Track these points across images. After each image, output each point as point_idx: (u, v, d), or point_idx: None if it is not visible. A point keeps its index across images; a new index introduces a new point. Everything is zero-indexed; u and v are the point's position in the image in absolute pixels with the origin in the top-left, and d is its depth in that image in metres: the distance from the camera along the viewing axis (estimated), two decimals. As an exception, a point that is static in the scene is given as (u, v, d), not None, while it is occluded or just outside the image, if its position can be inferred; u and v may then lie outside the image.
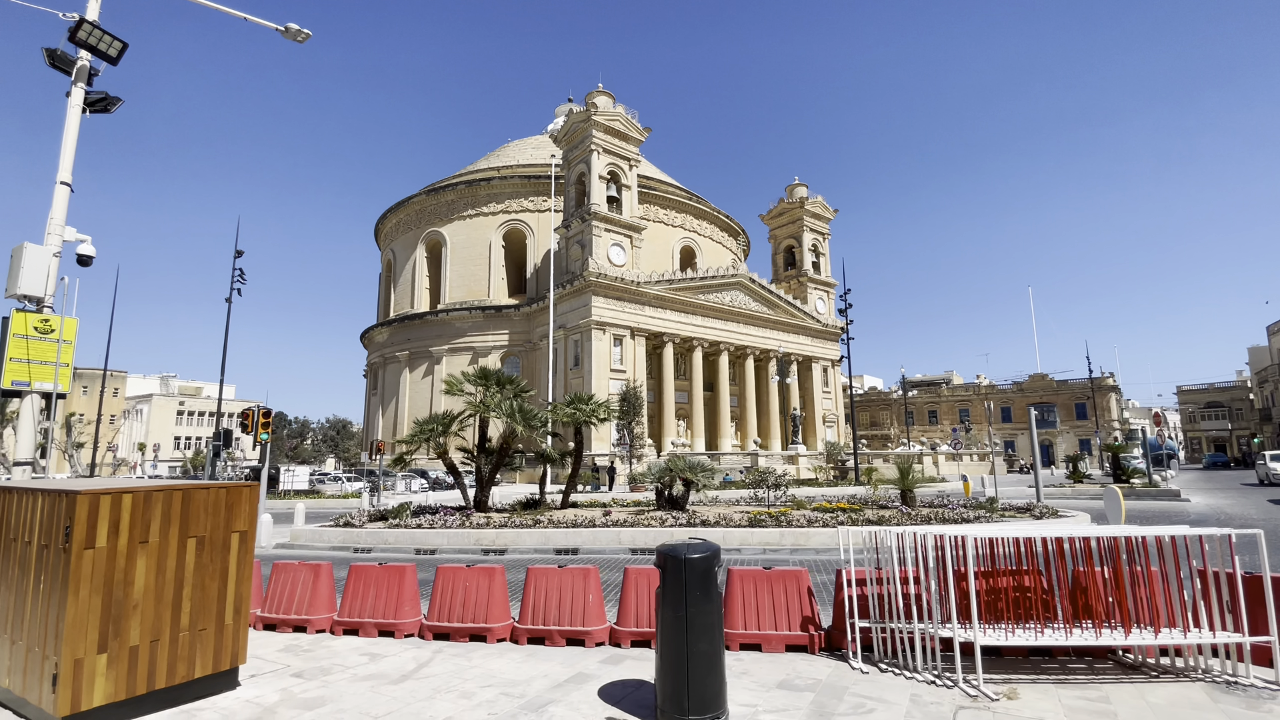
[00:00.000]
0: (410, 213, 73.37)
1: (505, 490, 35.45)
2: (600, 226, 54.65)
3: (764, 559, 12.82)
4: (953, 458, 55.53)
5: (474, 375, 18.12)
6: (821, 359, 69.79)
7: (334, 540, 15.44)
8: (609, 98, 58.88)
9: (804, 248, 74.01)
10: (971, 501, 18.95)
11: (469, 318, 63.75)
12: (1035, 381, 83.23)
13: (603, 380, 51.40)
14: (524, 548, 13.90)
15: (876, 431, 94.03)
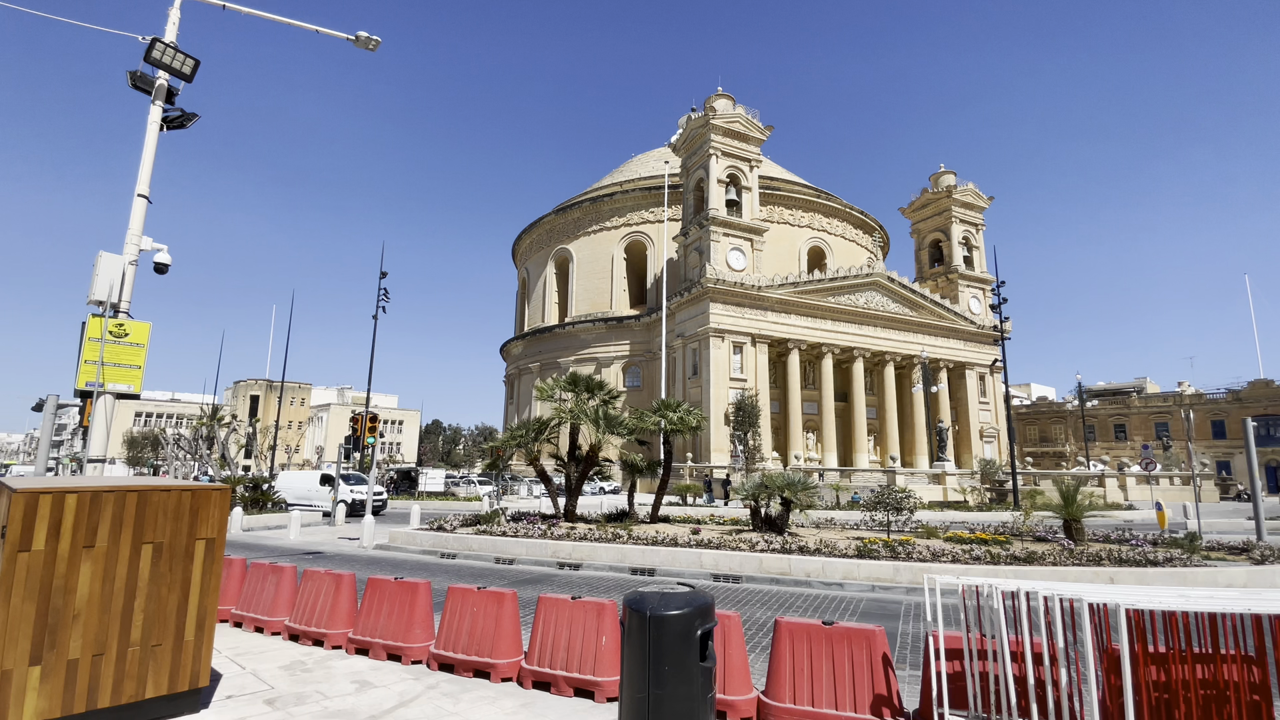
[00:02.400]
0: (541, 232, 77.03)
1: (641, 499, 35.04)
2: (718, 231, 53.21)
3: (872, 598, 10.71)
4: (1144, 480, 46.43)
5: (564, 381, 17.65)
6: (977, 365, 62.29)
7: (425, 544, 15.59)
8: (729, 100, 57.51)
9: (953, 241, 66.82)
10: (1165, 536, 14.95)
11: (592, 329, 65.16)
12: (1257, 389, 67.80)
13: (721, 389, 49.65)
14: (599, 564, 12.94)
15: (1048, 449, 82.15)
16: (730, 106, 56.64)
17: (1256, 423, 66.85)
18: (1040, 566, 10.94)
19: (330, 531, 20.88)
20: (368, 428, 18.47)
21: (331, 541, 18.05)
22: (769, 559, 12.01)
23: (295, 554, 15.52)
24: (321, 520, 24.27)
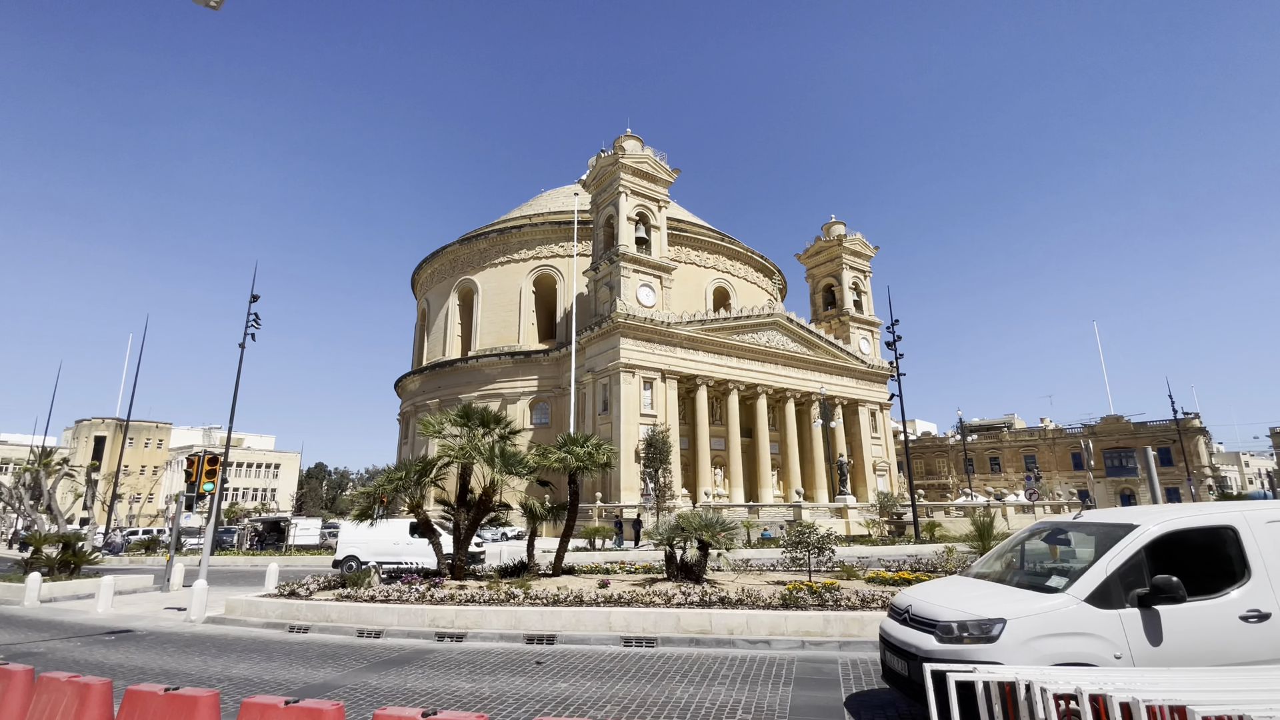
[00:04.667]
0: (444, 262, 73.63)
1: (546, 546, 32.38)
2: (628, 267, 52.83)
3: (804, 657, 9.42)
4: (1023, 509, 49.69)
5: (456, 415, 15.53)
6: (868, 402, 65.18)
7: (271, 615, 12.72)
8: (637, 141, 58.11)
9: (844, 286, 70.59)
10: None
11: (498, 364, 62.26)
12: (1109, 424, 75.89)
13: (632, 425, 48.39)
14: (488, 631, 10.85)
15: (933, 480, 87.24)
16: (639, 148, 57.25)
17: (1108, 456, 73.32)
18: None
19: (158, 600, 17.08)
20: (205, 471, 15.27)
21: (152, 614, 14.54)
22: (687, 615, 10.49)
23: (93, 635, 12.14)
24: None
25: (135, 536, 46.13)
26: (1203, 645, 5.37)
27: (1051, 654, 5.34)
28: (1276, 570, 5.60)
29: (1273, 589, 5.53)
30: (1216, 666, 5.17)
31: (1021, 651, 5.37)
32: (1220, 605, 5.51)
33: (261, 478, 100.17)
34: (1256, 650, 5.35)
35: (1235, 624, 5.43)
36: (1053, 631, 5.45)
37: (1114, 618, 5.46)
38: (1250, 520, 5.80)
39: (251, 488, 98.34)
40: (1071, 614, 5.50)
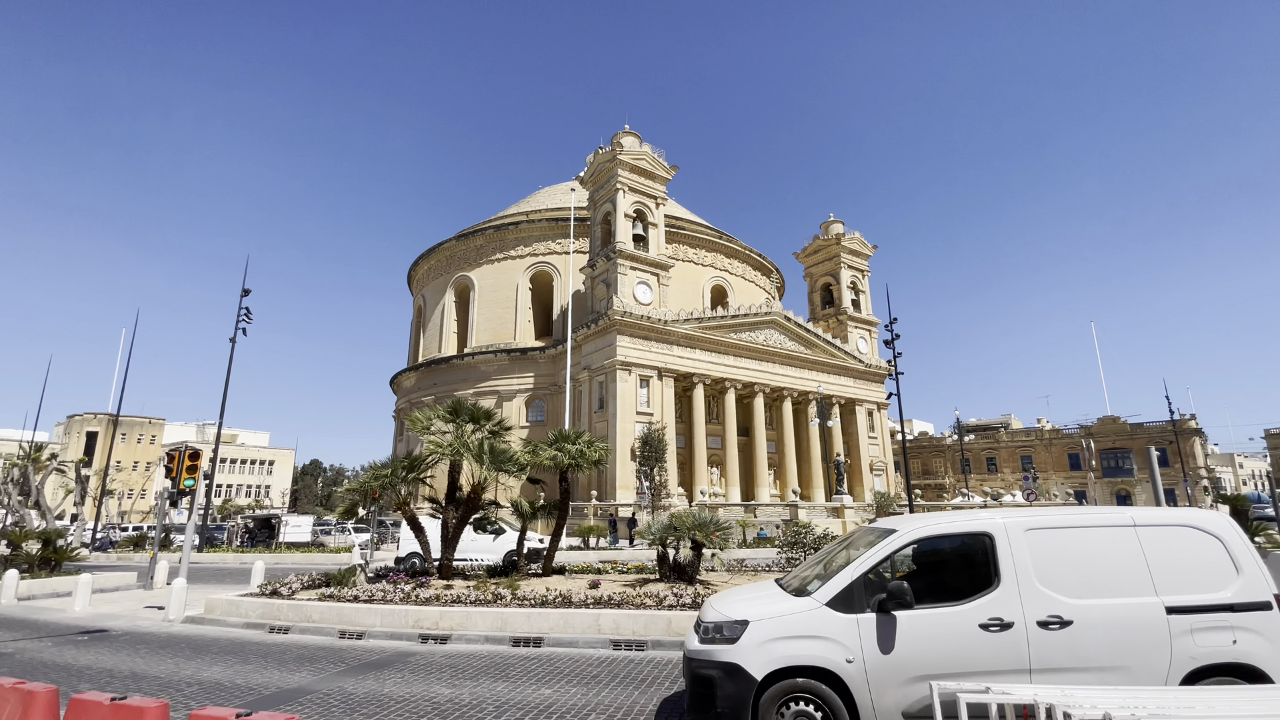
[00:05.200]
0: (441, 258, 73.16)
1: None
2: (625, 264, 52.47)
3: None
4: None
5: (445, 410, 15.18)
6: (865, 401, 64.94)
7: (251, 615, 12.36)
8: (635, 138, 57.73)
9: (842, 285, 70.35)
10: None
11: (494, 361, 61.87)
12: (1106, 425, 75.79)
13: (628, 423, 48.06)
14: (473, 633, 10.50)
15: (930, 480, 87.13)
16: (637, 144, 56.87)
17: (1104, 456, 73.24)
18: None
19: (139, 599, 16.70)
20: (186, 466, 14.88)
21: (131, 613, 14.16)
22: (679, 618, 10.16)
23: (66, 635, 11.77)
24: None
25: (125, 533, 45.70)
26: (938, 653, 5.27)
27: (785, 655, 5.36)
28: (1028, 579, 5.43)
29: (1020, 598, 5.36)
30: (967, 674, 5.12)
31: (757, 652, 5.40)
32: (962, 613, 5.37)
33: (256, 474, 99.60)
34: (994, 660, 5.22)
35: (975, 632, 5.29)
36: (789, 634, 5.47)
37: (852, 622, 5.42)
38: (1009, 528, 5.67)
39: (245, 484, 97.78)
40: (810, 618, 5.52)
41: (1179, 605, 5.25)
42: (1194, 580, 5.34)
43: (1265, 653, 5.09)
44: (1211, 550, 5.44)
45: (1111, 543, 5.52)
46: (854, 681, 5.26)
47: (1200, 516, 5.69)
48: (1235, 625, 5.18)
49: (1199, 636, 5.17)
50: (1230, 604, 5.24)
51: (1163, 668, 5.10)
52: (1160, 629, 5.19)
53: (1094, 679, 5.06)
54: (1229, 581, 5.32)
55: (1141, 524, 5.59)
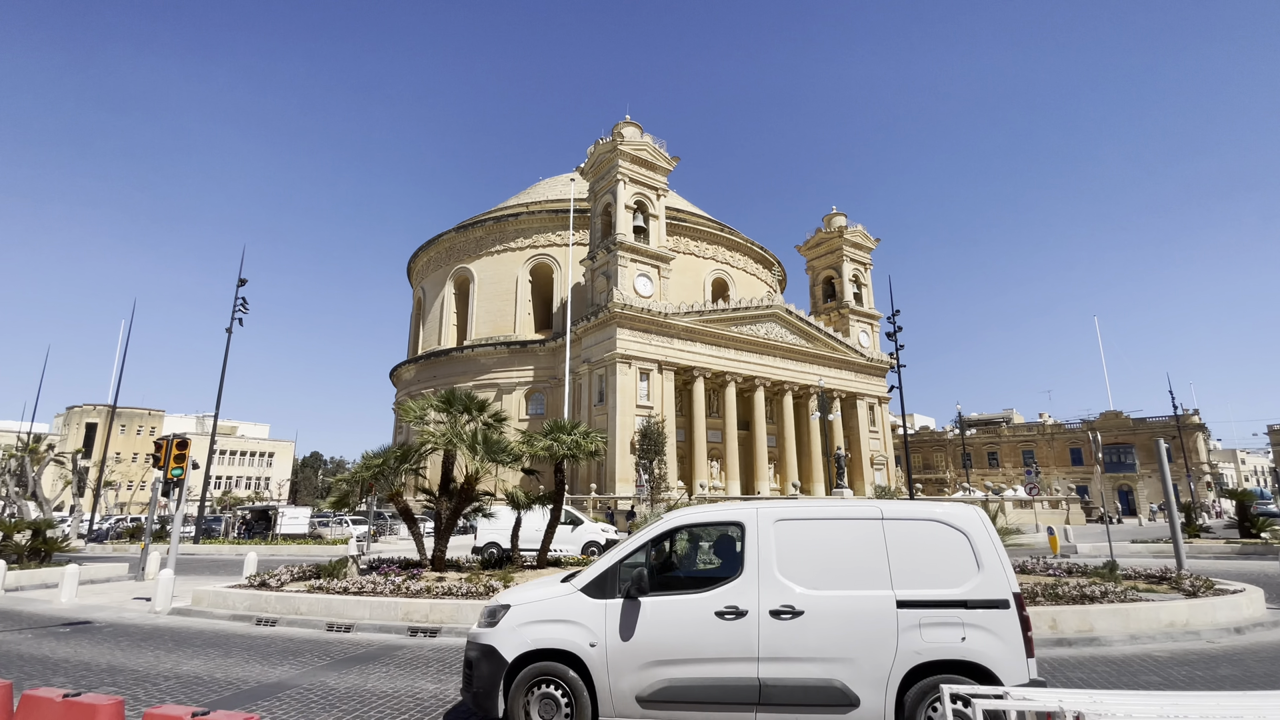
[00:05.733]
0: (440, 250, 72.80)
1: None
2: (625, 256, 52.07)
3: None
4: (1021, 505, 49.26)
5: (438, 400, 14.89)
6: (867, 395, 64.61)
7: (239, 606, 12.11)
8: (636, 128, 57.21)
9: (844, 279, 69.89)
10: (1075, 565, 14.41)
11: (494, 354, 61.61)
12: (1108, 420, 75.43)
13: (628, 416, 47.82)
14: (462, 626, 10.24)
15: (930, 475, 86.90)
16: (638, 134, 56.36)
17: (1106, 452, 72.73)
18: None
19: (128, 590, 16.48)
20: (174, 456, 14.60)
21: (118, 605, 13.92)
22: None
23: (48, 627, 11.53)
24: None
25: (124, 524, 45.57)
26: (675, 639, 5.33)
27: (534, 638, 5.51)
28: (769, 569, 5.43)
29: (759, 587, 5.36)
30: (700, 661, 5.22)
31: (510, 635, 5.56)
32: (702, 600, 5.41)
33: (255, 466, 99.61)
34: (726, 648, 5.25)
35: (711, 620, 5.31)
36: (541, 618, 5.61)
37: (601, 608, 5.52)
38: (760, 518, 5.68)
39: (245, 476, 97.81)
40: (563, 603, 5.66)
41: (910, 600, 5.15)
42: (934, 576, 5.25)
43: (994, 651, 4.96)
44: (956, 546, 5.33)
45: (857, 535, 5.48)
46: (595, 665, 5.35)
47: (949, 511, 5.54)
48: (966, 622, 5.07)
49: (927, 632, 5.07)
50: (964, 600, 5.11)
51: (887, 661, 5.03)
52: (889, 622, 5.11)
53: (818, 669, 5.08)
54: (969, 578, 5.20)
55: (890, 517, 5.52)
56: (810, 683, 5.08)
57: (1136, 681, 7.49)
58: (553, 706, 5.37)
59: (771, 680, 5.12)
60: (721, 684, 5.19)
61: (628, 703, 5.31)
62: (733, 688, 5.16)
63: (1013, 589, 5.15)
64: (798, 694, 5.08)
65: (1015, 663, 4.94)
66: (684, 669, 5.25)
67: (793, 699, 5.09)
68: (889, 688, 4.98)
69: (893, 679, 4.99)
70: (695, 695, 5.21)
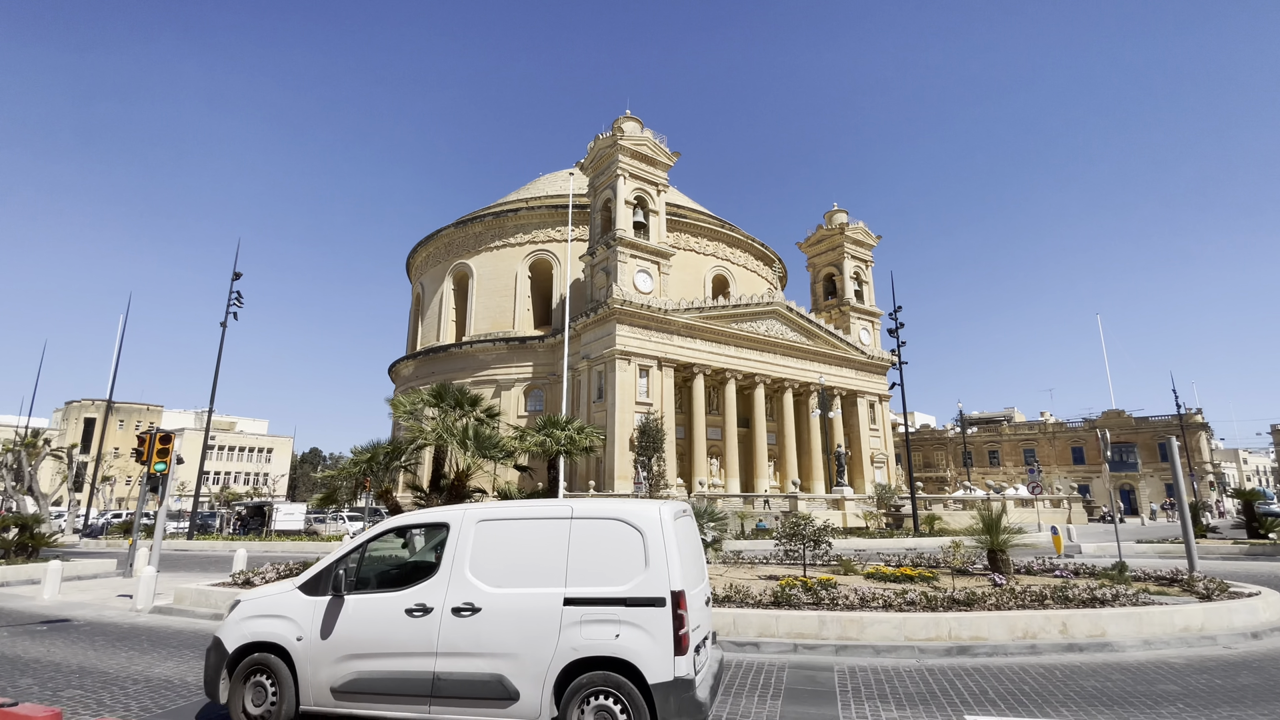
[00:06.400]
0: (439, 246, 72.40)
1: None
2: (625, 252, 51.65)
3: (796, 662, 8.46)
4: (1023, 503, 48.91)
5: (429, 395, 14.54)
6: (867, 393, 64.23)
7: (221, 605, 11.78)
8: (637, 123, 56.73)
9: (845, 276, 69.45)
10: (1081, 566, 14.05)
11: (492, 350, 61.24)
12: (1110, 418, 75.05)
13: (627, 413, 47.48)
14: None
15: (931, 473, 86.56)
16: (638, 129, 55.88)
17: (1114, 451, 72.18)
18: (983, 611, 9.24)
19: (113, 587, 16.15)
20: (157, 450, 14.24)
21: (100, 602, 13.59)
22: (668, 613, 9.54)
23: (26, 624, 11.19)
24: None
25: (119, 519, 45.32)
26: (368, 634, 5.60)
27: (251, 631, 5.89)
28: (461, 568, 5.64)
29: (448, 585, 5.57)
30: (388, 655, 5.49)
31: (234, 628, 6.01)
32: (398, 598, 5.63)
33: (254, 462, 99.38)
34: (411, 643, 5.49)
35: (401, 616, 5.57)
36: (261, 613, 5.99)
37: (311, 604, 5.83)
38: (464, 519, 5.88)
39: (244, 472, 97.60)
40: (281, 599, 6.00)
41: (575, 597, 5.28)
42: (605, 574, 5.34)
43: (644, 648, 5.03)
44: (631, 545, 5.40)
45: (546, 534, 5.61)
46: (299, 658, 5.70)
47: (629, 510, 5.59)
48: (622, 619, 5.15)
49: (586, 628, 5.18)
50: (623, 598, 5.20)
51: (547, 657, 5.17)
52: (554, 619, 5.25)
53: (486, 664, 5.27)
54: (634, 576, 5.28)
55: (578, 517, 5.65)
56: (477, 677, 5.27)
57: (1154, 691, 7.13)
58: (263, 694, 5.72)
59: (445, 674, 5.34)
60: (402, 677, 5.43)
61: (324, 693, 5.61)
62: (412, 680, 5.40)
63: (672, 588, 5.16)
64: (465, 688, 5.29)
65: (663, 660, 4.97)
66: (373, 662, 5.52)
67: (461, 692, 5.30)
68: (546, 683, 5.10)
69: (550, 674, 5.11)
70: (379, 687, 5.49)
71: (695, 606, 5.46)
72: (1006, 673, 7.85)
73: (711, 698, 5.29)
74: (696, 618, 5.43)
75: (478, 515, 5.88)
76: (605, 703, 4.96)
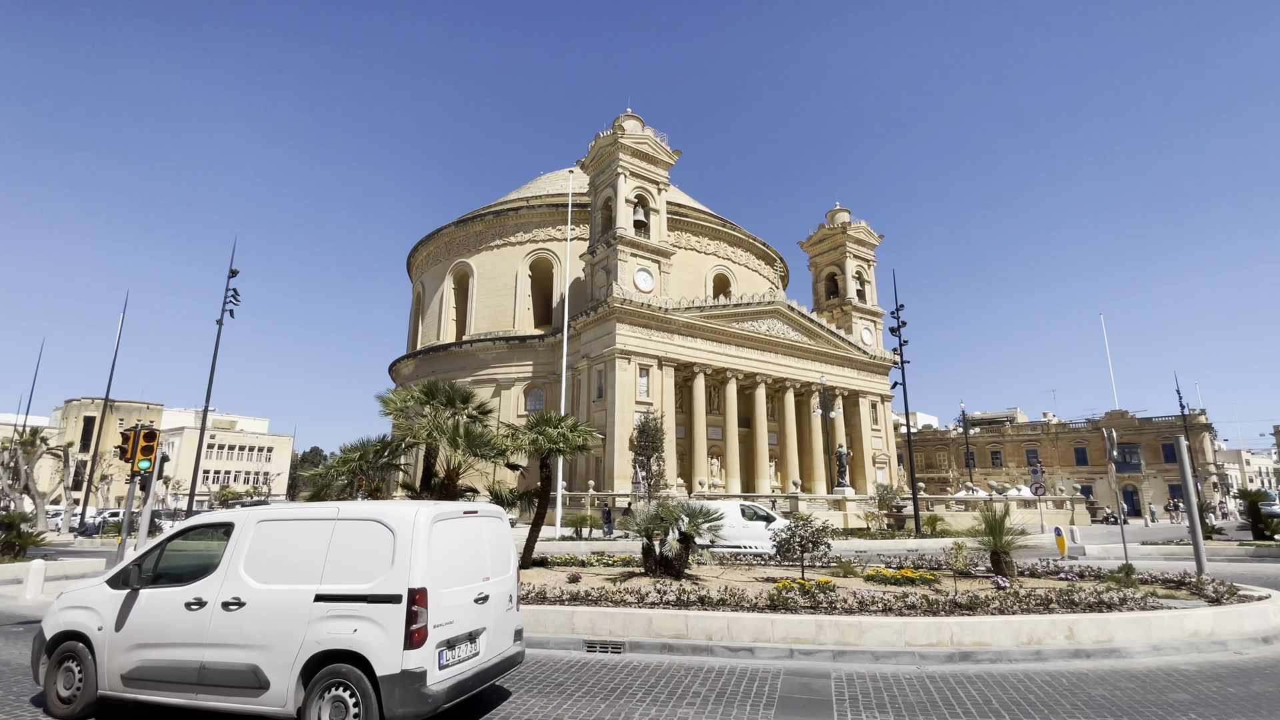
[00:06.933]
0: (440, 244, 72.20)
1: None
2: (626, 251, 51.35)
3: (792, 669, 8.14)
4: (1026, 504, 48.51)
5: (419, 392, 14.25)
6: (869, 393, 63.84)
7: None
8: (638, 121, 56.44)
9: (847, 275, 69.08)
10: (1087, 568, 13.71)
11: (493, 349, 60.98)
12: (1113, 419, 74.51)
13: (626, 413, 47.18)
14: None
15: (933, 474, 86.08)
16: (639, 128, 55.59)
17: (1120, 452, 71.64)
18: (987, 615, 8.92)
19: (101, 587, 15.85)
20: (141, 447, 13.98)
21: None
22: (660, 617, 9.22)
23: (4, 624, 10.92)
24: None
25: (115, 518, 45.12)
26: (153, 625, 6.04)
27: (64, 621, 6.47)
28: (236, 565, 5.96)
29: (223, 581, 5.93)
30: (166, 645, 5.91)
31: (53, 617, 6.59)
32: (180, 592, 6.04)
33: (255, 461, 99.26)
34: (186, 634, 5.88)
35: (181, 610, 5.96)
36: (74, 604, 6.56)
37: (115, 597, 6.31)
38: (247, 519, 6.26)
39: (244, 471, 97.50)
40: (91, 592, 6.54)
41: (324, 593, 5.59)
42: (357, 571, 5.63)
43: (376, 642, 5.32)
44: (383, 544, 5.66)
45: (311, 534, 5.94)
46: (99, 646, 6.21)
47: (386, 512, 5.86)
48: (362, 615, 5.44)
49: (330, 623, 5.49)
50: (364, 595, 5.49)
51: (294, 649, 5.48)
52: (304, 614, 5.56)
53: (244, 655, 5.59)
54: (380, 574, 5.54)
55: (343, 518, 5.97)
56: (235, 667, 5.61)
57: (1166, 700, 6.80)
58: (71, 679, 6.30)
59: (210, 664, 5.70)
60: (175, 666, 5.84)
61: (116, 680, 6.10)
62: (183, 669, 5.80)
63: (410, 585, 5.41)
64: (226, 677, 5.64)
65: (393, 654, 5.26)
66: (154, 652, 5.95)
67: (221, 681, 5.65)
68: (293, 673, 5.42)
69: (297, 665, 5.43)
70: (157, 675, 5.93)
71: (448, 604, 5.67)
72: (1011, 680, 7.53)
73: (455, 693, 5.52)
74: (448, 615, 5.64)
75: (259, 516, 6.27)
76: (340, 693, 5.30)
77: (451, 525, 6.11)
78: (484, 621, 6.15)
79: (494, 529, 6.81)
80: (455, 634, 5.73)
